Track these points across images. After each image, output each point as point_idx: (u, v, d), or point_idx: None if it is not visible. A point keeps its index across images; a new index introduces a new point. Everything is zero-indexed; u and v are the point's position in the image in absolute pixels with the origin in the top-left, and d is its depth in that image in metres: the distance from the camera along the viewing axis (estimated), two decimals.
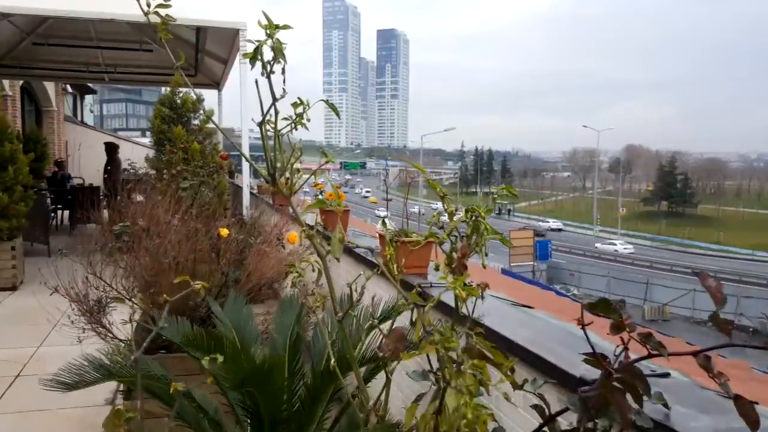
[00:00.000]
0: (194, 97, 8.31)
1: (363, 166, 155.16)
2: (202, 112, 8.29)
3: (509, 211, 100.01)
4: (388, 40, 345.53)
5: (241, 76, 8.61)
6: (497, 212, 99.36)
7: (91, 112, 33.72)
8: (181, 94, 8.17)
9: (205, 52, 11.58)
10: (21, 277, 7.69)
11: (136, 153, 24.11)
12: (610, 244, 63.61)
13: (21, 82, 16.44)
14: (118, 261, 3.31)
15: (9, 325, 6.09)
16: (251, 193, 9.24)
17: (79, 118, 26.93)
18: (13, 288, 7.41)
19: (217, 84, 13.05)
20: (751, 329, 32.31)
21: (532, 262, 41.21)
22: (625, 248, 61.97)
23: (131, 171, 8.04)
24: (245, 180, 8.95)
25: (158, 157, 7.82)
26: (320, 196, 4.70)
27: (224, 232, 3.39)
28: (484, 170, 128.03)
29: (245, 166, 8.97)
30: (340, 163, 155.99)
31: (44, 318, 6.33)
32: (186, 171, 7.47)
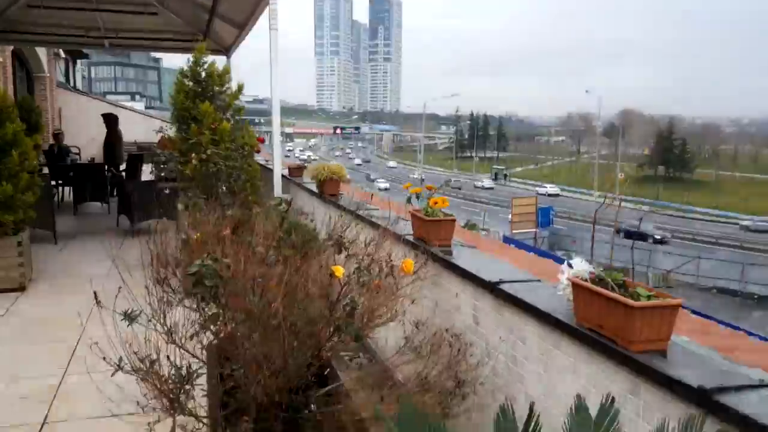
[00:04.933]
0: (220, 68, 7.24)
1: (357, 130, 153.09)
2: (230, 84, 7.25)
3: (505, 176, 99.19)
4: (381, 2, 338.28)
5: (271, 44, 7.55)
6: (494, 178, 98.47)
7: (84, 77, 32.17)
8: (205, 65, 7.11)
9: (220, 16, 10.49)
10: (29, 275, 6.75)
11: (130, 120, 22.99)
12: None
13: (12, 47, 15.21)
14: (206, 323, 2.38)
15: (23, 343, 5.17)
16: (282, 176, 8.28)
17: (71, 84, 25.57)
18: (22, 288, 6.47)
19: (226, 50, 11.97)
20: (756, 296, 32.03)
21: (533, 229, 40.74)
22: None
23: (159, 156, 6.99)
24: (276, 161, 7.97)
25: (182, 137, 6.80)
26: (414, 201, 3.75)
27: (339, 271, 2.47)
28: (480, 135, 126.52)
29: (276, 144, 8.00)
30: (334, 127, 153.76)
31: (63, 329, 5.45)
32: (217, 155, 6.49)
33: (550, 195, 77.76)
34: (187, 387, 2.27)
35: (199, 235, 3.25)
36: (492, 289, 2.92)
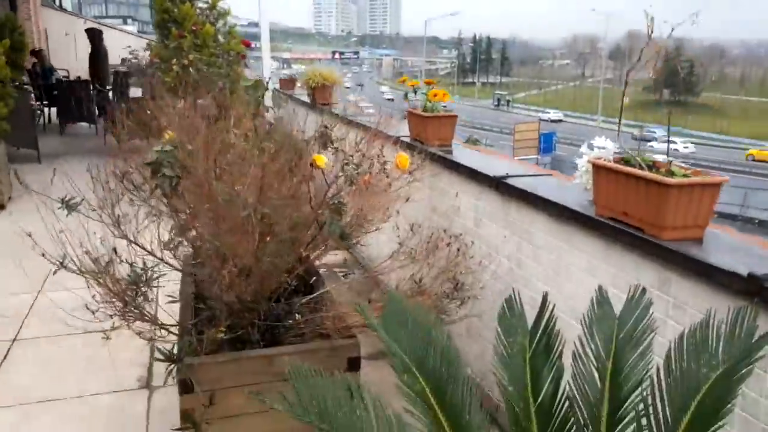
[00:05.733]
0: None
1: (356, 55, 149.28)
2: None
3: (508, 102, 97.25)
4: None
5: None
6: (496, 104, 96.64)
7: None
8: None
9: None
10: (8, 192, 6.44)
11: (123, 43, 22.07)
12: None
13: None
14: (161, 213, 2.07)
15: (1, 260, 4.91)
16: (273, 89, 7.84)
17: (57, 3, 24.46)
18: (1, 207, 6.18)
19: None
20: (756, 221, 31.95)
21: (535, 156, 40.39)
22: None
23: (132, 60, 6.55)
24: (266, 72, 7.52)
25: (163, 43, 6.33)
26: (414, 96, 3.37)
27: (321, 160, 2.14)
28: (482, 59, 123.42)
29: (265, 56, 7.54)
30: (332, 52, 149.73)
31: (43, 247, 5.18)
32: (200, 60, 6.04)
33: (553, 121, 76.54)
34: (144, 289, 1.99)
35: (170, 134, 2.90)
36: (497, 184, 2.60)
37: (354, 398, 1.12)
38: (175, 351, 2.05)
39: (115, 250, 1.97)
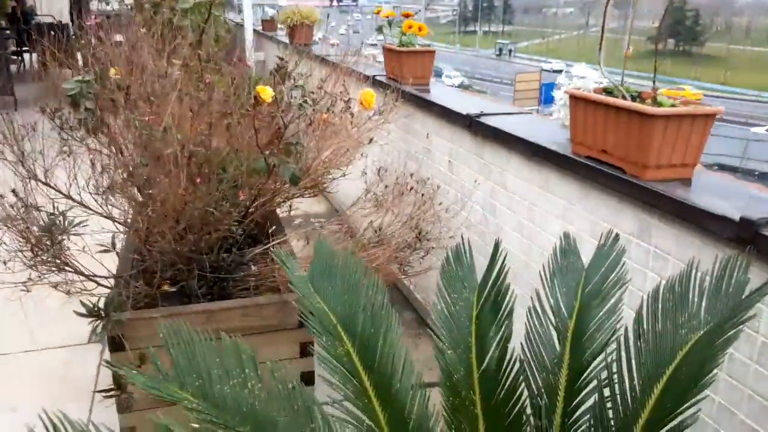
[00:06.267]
0: None
1: (354, 1, 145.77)
2: None
3: (510, 51, 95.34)
4: None
5: None
6: (498, 53, 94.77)
7: None
8: None
9: None
10: None
11: None
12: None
13: None
14: (76, 151, 1.84)
15: None
16: (254, 31, 7.49)
17: None
18: None
19: None
20: (757, 173, 31.66)
21: (536, 107, 39.83)
22: None
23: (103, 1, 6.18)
24: (247, 13, 7.16)
25: None
26: (389, 30, 3.08)
27: (266, 93, 1.89)
28: (484, 7, 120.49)
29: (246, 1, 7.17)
30: None
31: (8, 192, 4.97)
32: (174, 1, 5.68)
33: (555, 71, 75.32)
34: (60, 237, 1.77)
35: (116, 69, 2.63)
36: (470, 123, 2.35)
37: (246, 369, 0.92)
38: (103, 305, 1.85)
39: (15, 191, 1.75)
